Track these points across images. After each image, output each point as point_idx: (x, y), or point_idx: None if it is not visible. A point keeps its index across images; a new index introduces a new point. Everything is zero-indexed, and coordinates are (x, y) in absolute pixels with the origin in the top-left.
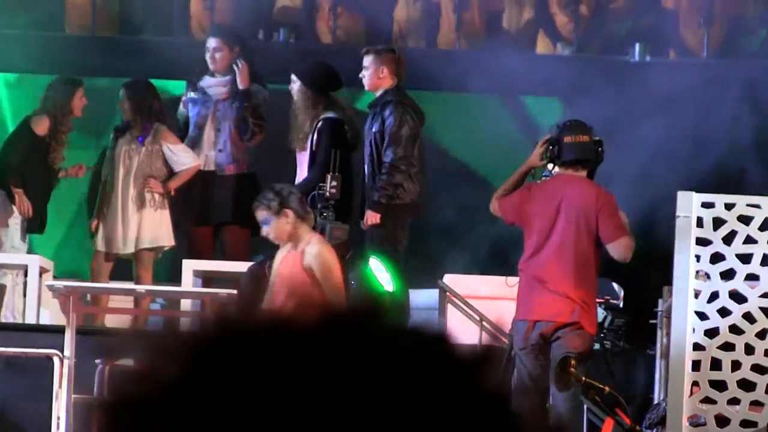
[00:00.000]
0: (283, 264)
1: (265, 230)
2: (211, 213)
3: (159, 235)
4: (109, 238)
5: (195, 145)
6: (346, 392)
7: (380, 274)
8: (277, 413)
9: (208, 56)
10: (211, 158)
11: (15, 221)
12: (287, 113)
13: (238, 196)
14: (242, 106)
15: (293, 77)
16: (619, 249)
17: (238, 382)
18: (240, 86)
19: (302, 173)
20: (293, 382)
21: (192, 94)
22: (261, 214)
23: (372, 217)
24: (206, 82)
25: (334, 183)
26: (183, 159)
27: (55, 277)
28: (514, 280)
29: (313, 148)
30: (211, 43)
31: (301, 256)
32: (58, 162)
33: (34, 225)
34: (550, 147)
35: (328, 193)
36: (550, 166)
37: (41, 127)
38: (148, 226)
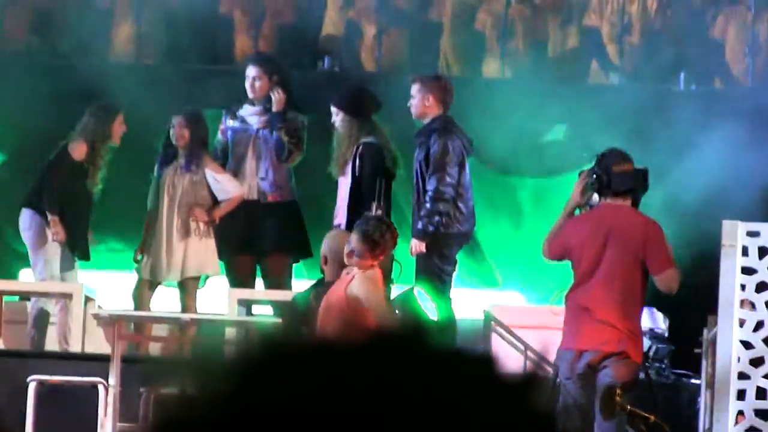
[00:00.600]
0: (332, 291)
1: (351, 255)
2: (253, 241)
3: (204, 263)
4: (154, 267)
5: (237, 173)
6: (394, 412)
7: (425, 303)
8: None
9: (247, 84)
10: (253, 187)
11: (54, 249)
12: (329, 140)
13: (281, 224)
14: (277, 127)
15: (333, 109)
16: (666, 281)
17: (285, 403)
18: (274, 109)
19: (343, 199)
20: (340, 403)
21: (231, 123)
22: (359, 245)
23: (417, 246)
24: (246, 110)
25: (379, 212)
26: (228, 188)
27: (99, 306)
28: (559, 309)
29: (356, 174)
30: (251, 71)
31: (349, 281)
32: (95, 186)
33: (76, 251)
34: (595, 177)
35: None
36: (595, 196)
37: (78, 152)
38: (194, 254)
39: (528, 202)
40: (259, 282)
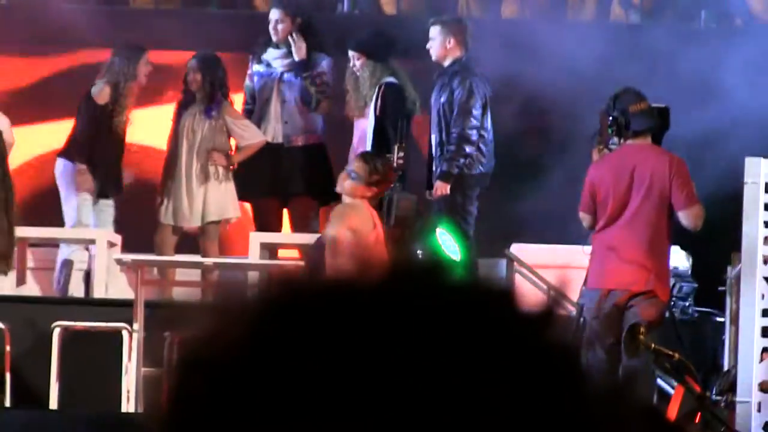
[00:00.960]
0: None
1: (345, 177)
2: (278, 185)
3: (225, 207)
4: (175, 212)
5: (262, 117)
6: (413, 348)
7: (448, 243)
8: (342, 372)
9: (270, 27)
10: (278, 131)
11: (85, 196)
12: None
13: (306, 168)
14: (303, 76)
15: (352, 53)
16: (690, 217)
17: (304, 343)
18: (296, 58)
19: (361, 140)
20: (359, 340)
21: (257, 67)
22: (360, 168)
23: (442, 188)
24: (270, 54)
25: (401, 153)
26: (248, 134)
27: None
28: (590, 249)
29: (377, 114)
30: (274, 14)
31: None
32: (124, 127)
33: (109, 193)
34: (612, 119)
35: (395, 164)
36: (615, 138)
37: (101, 96)
38: (213, 199)
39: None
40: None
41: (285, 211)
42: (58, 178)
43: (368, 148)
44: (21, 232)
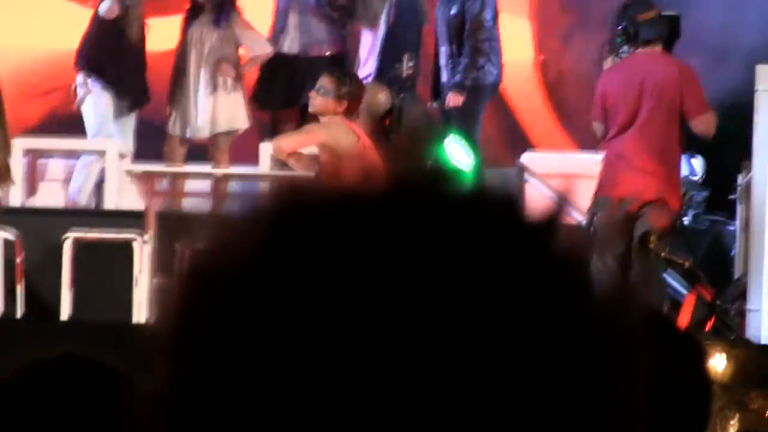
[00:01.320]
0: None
1: (314, 95)
2: (296, 95)
3: (234, 118)
4: (184, 123)
5: (282, 28)
6: (412, 258)
7: (458, 153)
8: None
9: None
10: (295, 41)
11: (103, 105)
12: None
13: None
14: None
15: None
16: (702, 125)
17: (310, 255)
18: None
19: (369, 50)
20: (362, 252)
21: None
22: (328, 83)
23: (455, 99)
24: None
25: (411, 63)
26: (256, 44)
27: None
28: (600, 157)
29: (390, 23)
30: None
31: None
32: (140, 36)
33: (127, 102)
34: (621, 29)
35: (405, 74)
36: (625, 47)
37: (110, 11)
38: (222, 109)
39: None
40: None
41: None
42: (77, 92)
43: (377, 58)
44: (32, 143)
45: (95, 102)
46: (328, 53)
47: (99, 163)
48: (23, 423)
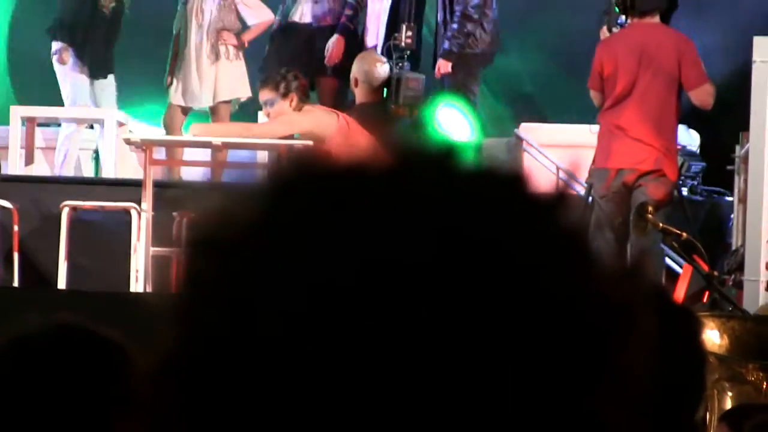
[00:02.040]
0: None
1: (267, 112)
2: (307, 65)
3: (236, 86)
4: (185, 92)
5: None
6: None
7: (452, 122)
8: (350, 253)
9: None
10: (307, 10)
11: (77, 73)
12: None
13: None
14: None
15: None
16: (701, 96)
17: (315, 224)
18: None
19: (375, 21)
20: (369, 221)
21: None
22: (266, 94)
23: (443, 66)
24: None
25: (409, 33)
26: (257, 13)
27: (131, 131)
28: (597, 129)
29: None
30: None
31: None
32: (115, 8)
33: (96, 73)
34: None
35: (403, 44)
36: (622, 16)
37: None
38: (225, 78)
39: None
40: None
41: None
42: (53, 58)
43: (383, 27)
44: (29, 111)
45: (68, 71)
46: (341, 23)
47: (80, 134)
48: (17, 392)
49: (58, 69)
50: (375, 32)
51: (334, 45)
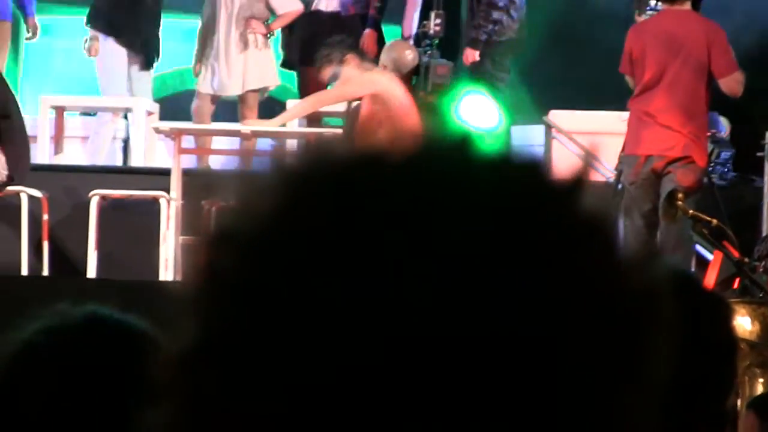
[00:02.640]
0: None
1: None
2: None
3: (264, 75)
4: (214, 81)
5: None
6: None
7: (479, 110)
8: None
9: None
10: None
11: (115, 61)
12: None
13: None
14: None
15: None
16: (731, 84)
17: (331, 215)
18: None
19: (410, 9)
20: (385, 211)
21: None
22: (328, 71)
23: (471, 55)
24: None
25: (438, 20)
26: (286, 3)
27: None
28: (626, 116)
29: None
30: None
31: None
32: None
33: (138, 60)
34: None
35: (432, 31)
36: (653, 2)
37: None
38: (254, 66)
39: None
40: None
41: None
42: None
43: (413, 18)
44: (59, 100)
45: (107, 60)
46: (367, 12)
47: (114, 123)
48: (47, 382)
49: (97, 58)
50: (411, 21)
51: (367, 39)
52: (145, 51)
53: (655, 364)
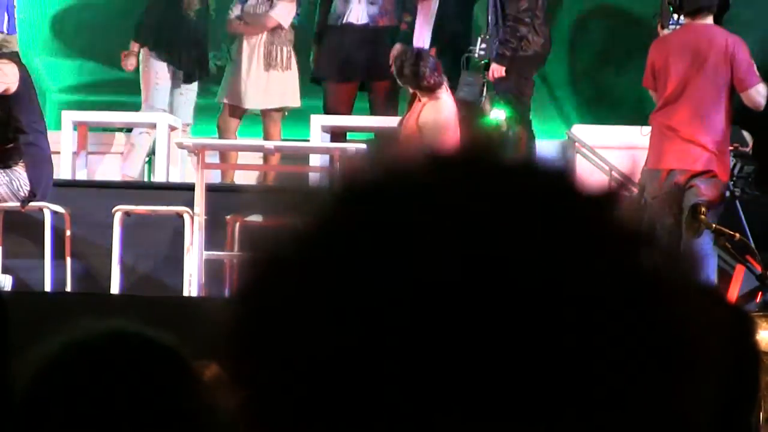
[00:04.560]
0: (407, 120)
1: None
2: (363, 67)
3: (285, 96)
4: (236, 96)
5: None
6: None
7: (502, 124)
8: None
9: None
10: (362, 11)
11: (159, 77)
12: None
13: (386, 50)
14: None
15: None
16: (753, 97)
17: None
18: None
19: (423, 23)
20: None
21: None
22: (410, 87)
23: (497, 70)
24: None
25: (483, 45)
26: (275, 11)
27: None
28: (648, 130)
29: None
30: None
31: (421, 109)
32: (201, 7)
33: (183, 76)
34: None
35: (477, 55)
36: (675, 15)
37: None
38: (276, 86)
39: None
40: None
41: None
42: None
43: (427, 30)
44: (81, 116)
45: (150, 73)
46: (395, 24)
47: (150, 136)
48: (72, 398)
49: (143, 71)
50: (424, 33)
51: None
52: (190, 68)
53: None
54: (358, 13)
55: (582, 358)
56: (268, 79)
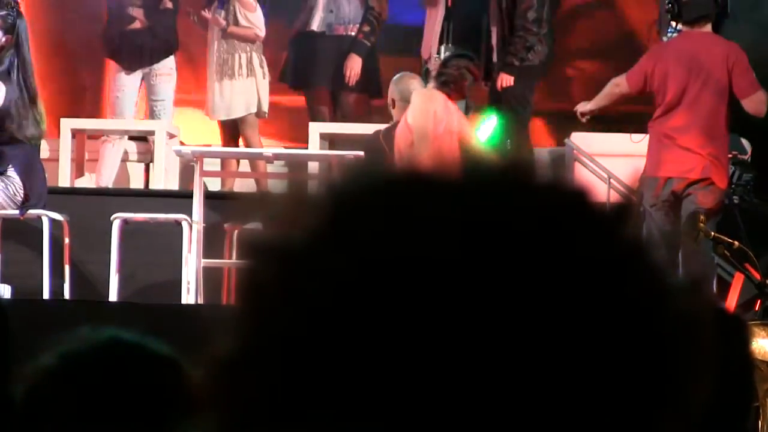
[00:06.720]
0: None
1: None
2: (330, 77)
3: (250, 102)
4: (208, 106)
5: (313, 5)
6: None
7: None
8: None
9: None
10: (322, 19)
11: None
12: None
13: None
14: None
15: None
16: (754, 104)
17: (381, 235)
18: None
19: (431, 31)
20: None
21: None
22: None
23: (506, 80)
24: None
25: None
26: (257, 22)
27: (182, 143)
28: (638, 137)
29: (449, 4)
30: None
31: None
32: None
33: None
34: (668, 5)
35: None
36: (673, 23)
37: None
38: (238, 94)
39: None
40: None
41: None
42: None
43: (433, 40)
44: (79, 123)
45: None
46: (353, 33)
47: (120, 146)
48: (69, 407)
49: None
50: (430, 43)
51: (352, 64)
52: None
53: (694, 389)
54: (320, 21)
55: (593, 377)
56: (232, 88)
